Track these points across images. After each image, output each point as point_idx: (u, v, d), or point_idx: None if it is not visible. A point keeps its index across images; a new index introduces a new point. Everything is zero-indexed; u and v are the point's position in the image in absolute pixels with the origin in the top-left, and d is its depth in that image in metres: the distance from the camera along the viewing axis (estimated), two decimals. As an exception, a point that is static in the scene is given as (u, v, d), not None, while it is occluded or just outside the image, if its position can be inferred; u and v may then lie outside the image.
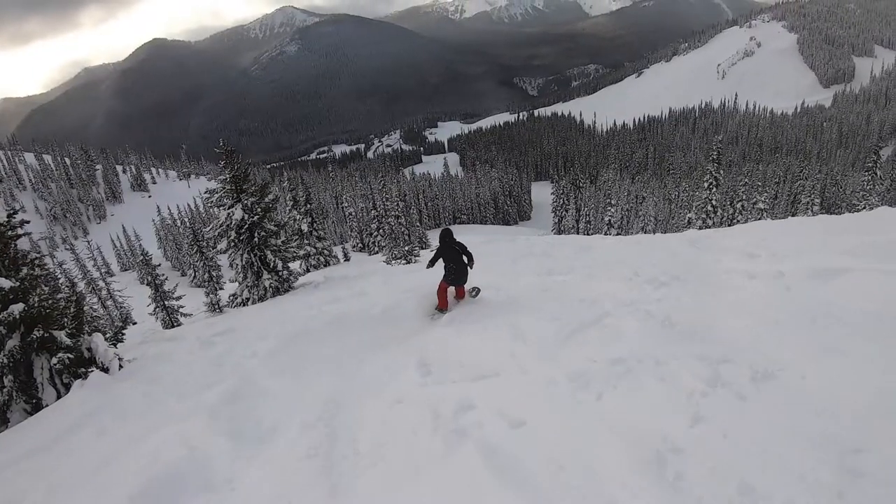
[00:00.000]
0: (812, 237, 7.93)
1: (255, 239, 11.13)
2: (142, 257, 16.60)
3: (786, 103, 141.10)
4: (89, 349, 6.02)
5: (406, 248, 18.89)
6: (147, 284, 17.25)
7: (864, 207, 23.26)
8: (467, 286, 6.84)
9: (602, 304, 5.75)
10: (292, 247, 12.05)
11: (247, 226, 11.06)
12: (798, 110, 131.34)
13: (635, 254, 8.74)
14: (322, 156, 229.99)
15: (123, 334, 9.87)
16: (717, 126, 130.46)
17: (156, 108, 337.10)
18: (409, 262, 17.24)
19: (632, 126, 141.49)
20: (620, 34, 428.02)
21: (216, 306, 13.72)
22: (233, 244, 11.15)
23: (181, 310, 16.51)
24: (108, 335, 8.26)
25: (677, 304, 5.43)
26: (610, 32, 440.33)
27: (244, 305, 11.59)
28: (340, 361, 5.49)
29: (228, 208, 10.96)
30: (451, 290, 6.80)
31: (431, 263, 6.73)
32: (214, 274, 24.86)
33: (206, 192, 12.06)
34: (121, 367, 6.09)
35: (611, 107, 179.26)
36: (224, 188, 11.10)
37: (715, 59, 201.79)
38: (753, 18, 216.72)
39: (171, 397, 5.04)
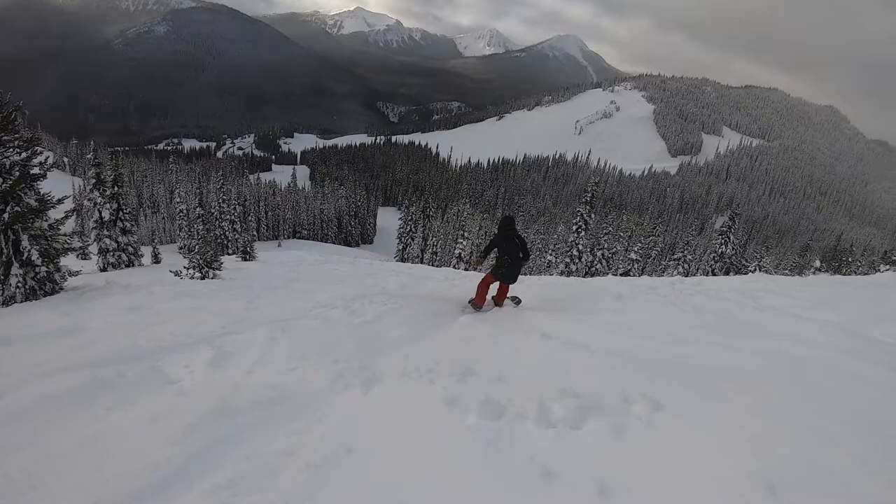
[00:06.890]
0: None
1: (6, 215, 8.04)
2: None
3: (634, 166, 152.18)
4: None
5: (200, 257, 11.10)
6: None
7: (755, 269, 24.74)
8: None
9: None
10: (63, 234, 8.98)
11: (-4, 195, 7.95)
12: (645, 173, 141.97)
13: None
14: (169, 147, 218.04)
15: None
16: (568, 177, 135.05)
17: (5, 64, 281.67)
18: (205, 277, 11.05)
19: (486, 165, 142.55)
20: (488, 78, 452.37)
21: (-81, 306, 8.05)
22: (-28, 219, 7.98)
23: None
24: None
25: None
26: (479, 75, 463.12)
27: (-15, 306, 8.17)
28: None
29: (-22, 167, 7.98)
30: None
31: (485, 254, 6.11)
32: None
33: (-53, 141, 8.45)
34: None
35: (468, 144, 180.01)
36: (-28, 138, 8.00)
37: (575, 115, 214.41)
38: (617, 84, 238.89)
39: None
